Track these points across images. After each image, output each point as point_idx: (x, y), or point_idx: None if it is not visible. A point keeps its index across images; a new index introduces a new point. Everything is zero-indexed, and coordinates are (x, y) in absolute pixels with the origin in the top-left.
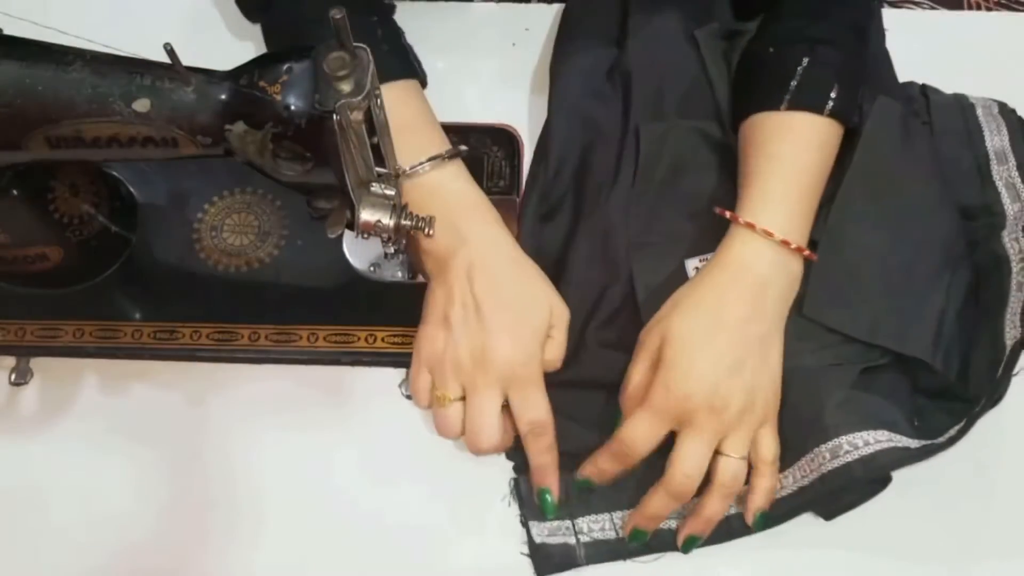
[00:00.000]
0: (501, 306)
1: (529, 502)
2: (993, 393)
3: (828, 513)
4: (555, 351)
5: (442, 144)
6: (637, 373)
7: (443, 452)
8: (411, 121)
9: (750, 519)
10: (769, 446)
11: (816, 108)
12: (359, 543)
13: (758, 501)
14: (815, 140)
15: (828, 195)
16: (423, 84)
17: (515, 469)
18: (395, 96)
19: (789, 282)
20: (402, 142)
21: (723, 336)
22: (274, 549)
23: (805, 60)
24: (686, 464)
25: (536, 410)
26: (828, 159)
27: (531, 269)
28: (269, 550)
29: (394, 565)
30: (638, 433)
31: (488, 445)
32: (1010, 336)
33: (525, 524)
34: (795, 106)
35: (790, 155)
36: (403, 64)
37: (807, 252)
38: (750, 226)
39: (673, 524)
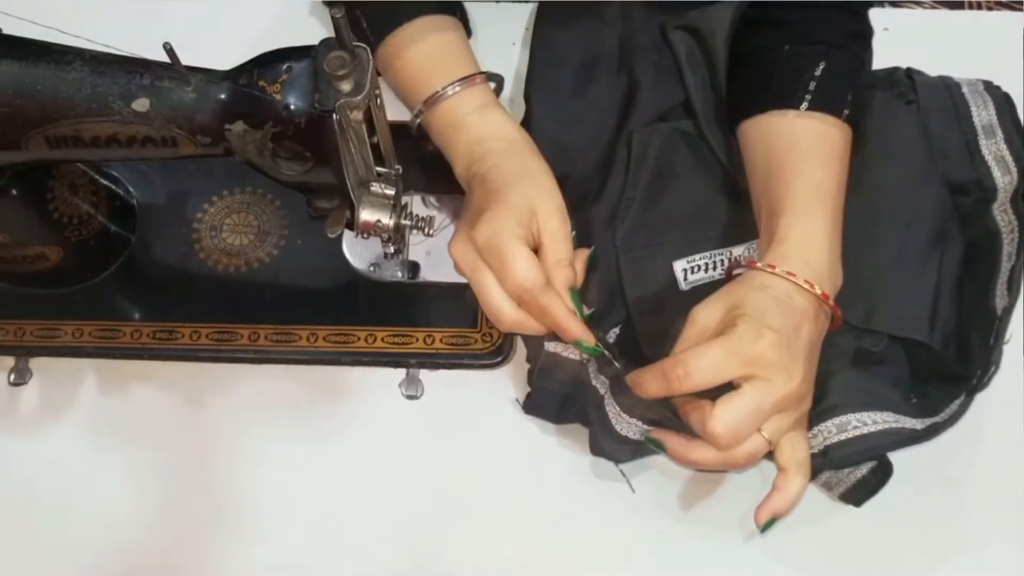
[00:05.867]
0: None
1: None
2: (987, 364)
3: (857, 500)
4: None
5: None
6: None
7: (443, 452)
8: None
9: (764, 519)
10: (807, 450)
11: (836, 112)
12: (358, 543)
13: (780, 505)
14: (839, 148)
15: None
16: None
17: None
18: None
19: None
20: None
21: (799, 323)
22: (273, 549)
23: (822, 64)
24: (739, 418)
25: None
26: (846, 167)
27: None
28: (268, 550)
29: (394, 565)
30: (707, 362)
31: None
32: (999, 306)
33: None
34: (815, 107)
35: (820, 167)
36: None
37: (837, 310)
38: (791, 275)
39: None
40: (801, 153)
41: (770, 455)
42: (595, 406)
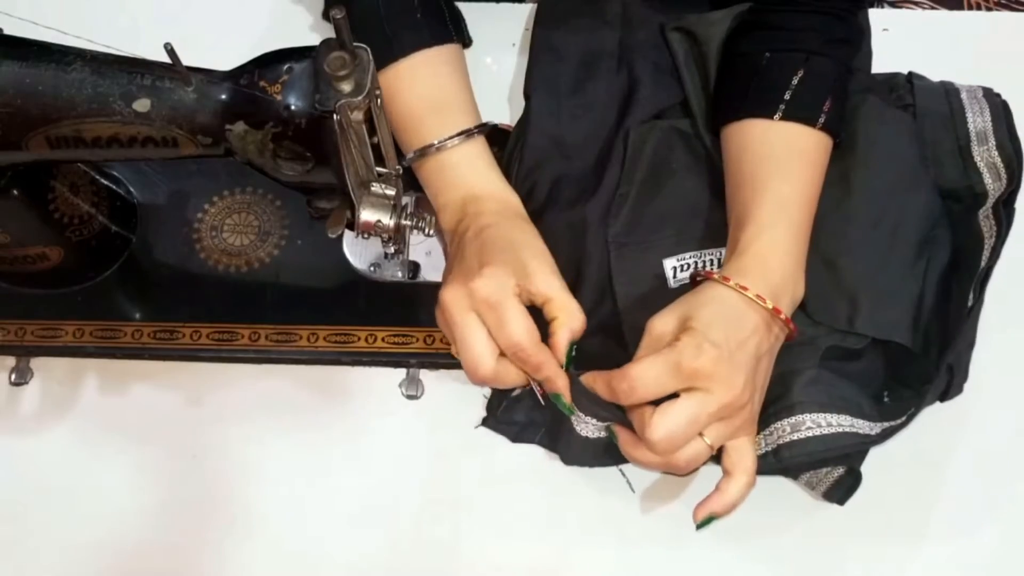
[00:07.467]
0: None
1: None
2: (950, 365)
3: (839, 499)
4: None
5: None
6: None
7: (444, 452)
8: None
9: (701, 517)
10: (753, 457)
11: (810, 121)
12: (358, 543)
13: (718, 507)
14: (813, 157)
15: None
16: (465, 45)
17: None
18: (402, 75)
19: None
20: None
21: (747, 337)
22: (273, 549)
23: (800, 71)
24: (676, 427)
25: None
26: (821, 176)
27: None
28: (268, 550)
29: (394, 565)
30: (649, 376)
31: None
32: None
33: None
34: (789, 117)
35: (789, 179)
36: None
37: (790, 323)
38: (743, 289)
39: None
40: (772, 163)
41: (716, 459)
42: (561, 418)
